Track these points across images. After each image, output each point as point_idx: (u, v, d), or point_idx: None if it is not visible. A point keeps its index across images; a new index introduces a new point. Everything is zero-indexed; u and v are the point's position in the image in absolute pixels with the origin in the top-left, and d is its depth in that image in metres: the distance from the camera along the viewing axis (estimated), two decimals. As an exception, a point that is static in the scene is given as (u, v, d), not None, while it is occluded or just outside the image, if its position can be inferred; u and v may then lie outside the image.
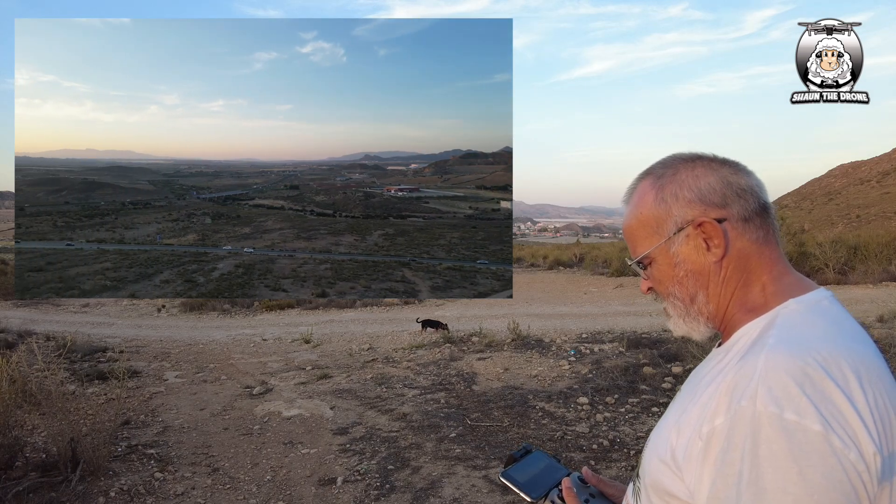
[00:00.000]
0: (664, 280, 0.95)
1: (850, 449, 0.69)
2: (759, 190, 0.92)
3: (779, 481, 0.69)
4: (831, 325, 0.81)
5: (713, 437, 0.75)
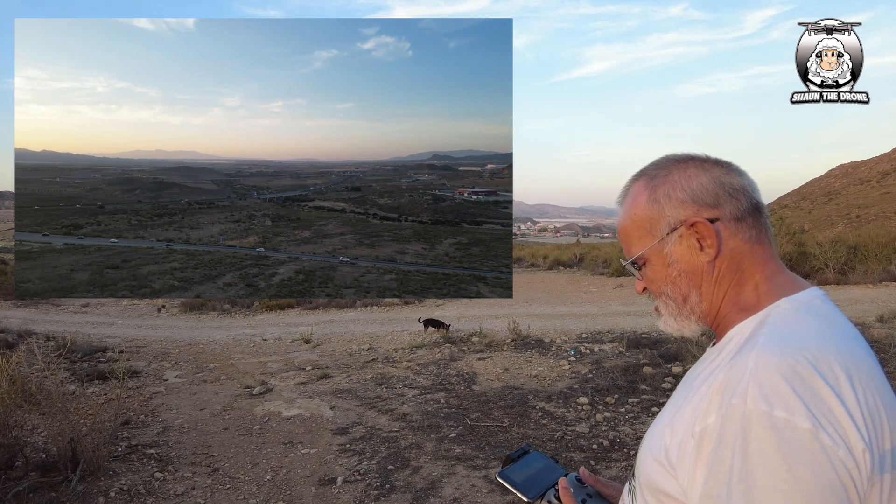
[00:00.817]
0: (658, 280, 0.96)
1: (840, 446, 0.69)
2: (752, 190, 0.93)
3: (768, 478, 0.69)
4: (823, 324, 0.82)
5: (705, 435, 0.76)
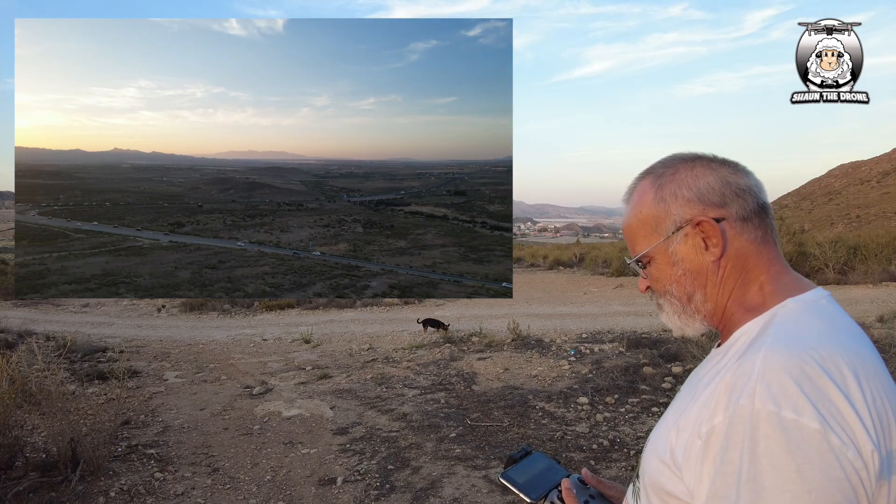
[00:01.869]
0: (662, 279, 0.95)
1: (848, 447, 0.69)
2: (758, 190, 0.92)
3: (777, 479, 0.69)
4: (829, 325, 0.81)
5: (712, 435, 0.75)
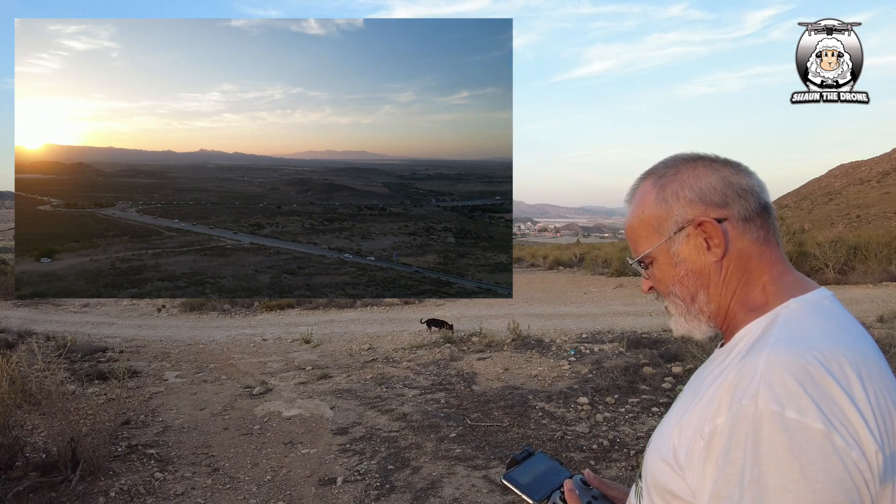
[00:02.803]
0: (665, 279, 0.95)
1: (852, 447, 0.69)
2: (760, 190, 0.92)
3: (780, 479, 0.68)
4: (832, 325, 0.81)
5: (715, 436, 0.75)
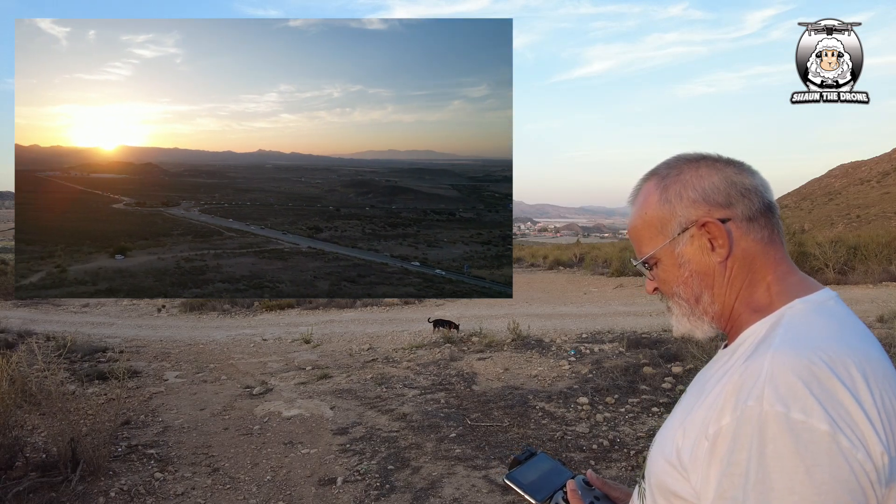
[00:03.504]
0: (669, 280, 0.95)
1: (858, 449, 0.69)
2: (764, 189, 0.92)
3: (785, 481, 0.68)
4: (837, 326, 0.81)
5: (719, 437, 0.75)
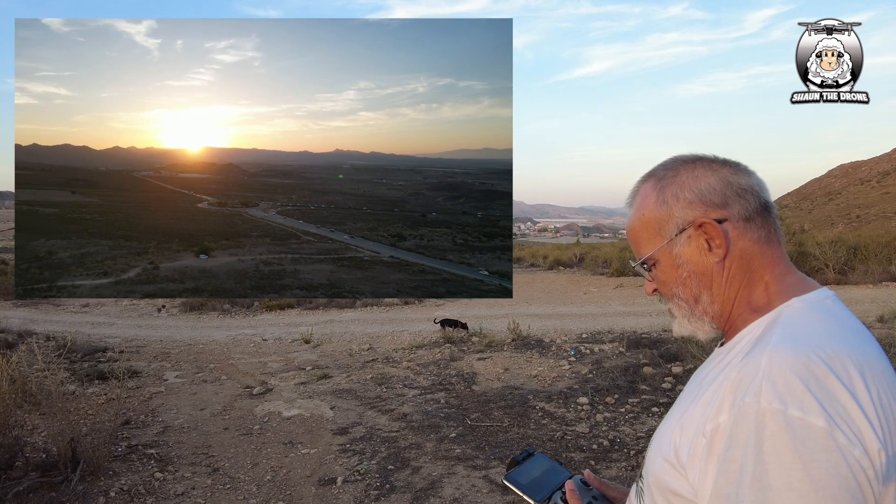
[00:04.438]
0: (668, 281, 0.96)
1: (855, 445, 0.69)
2: (760, 189, 0.93)
3: (783, 477, 0.69)
4: (835, 324, 0.81)
5: (717, 434, 0.75)
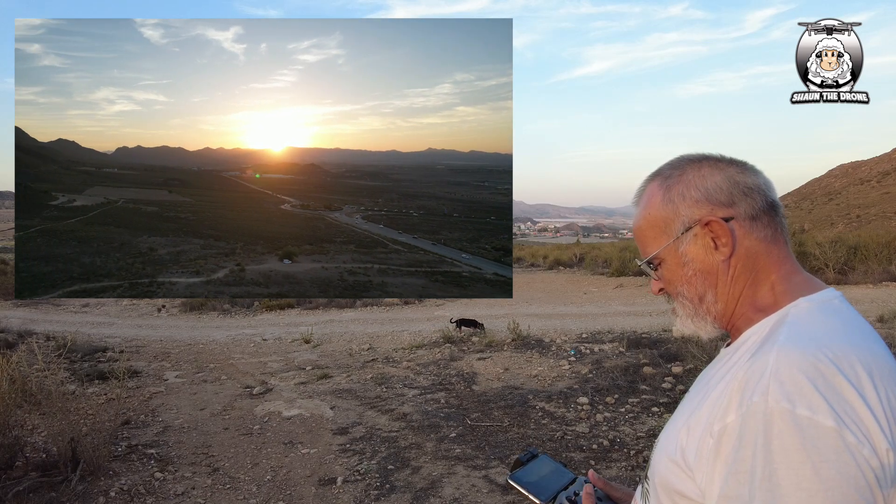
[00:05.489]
0: (674, 280, 0.95)
1: (864, 445, 0.69)
2: (767, 188, 0.92)
3: (792, 477, 0.68)
4: (843, 324, 0.81)
5: (724, 434, 0.75)
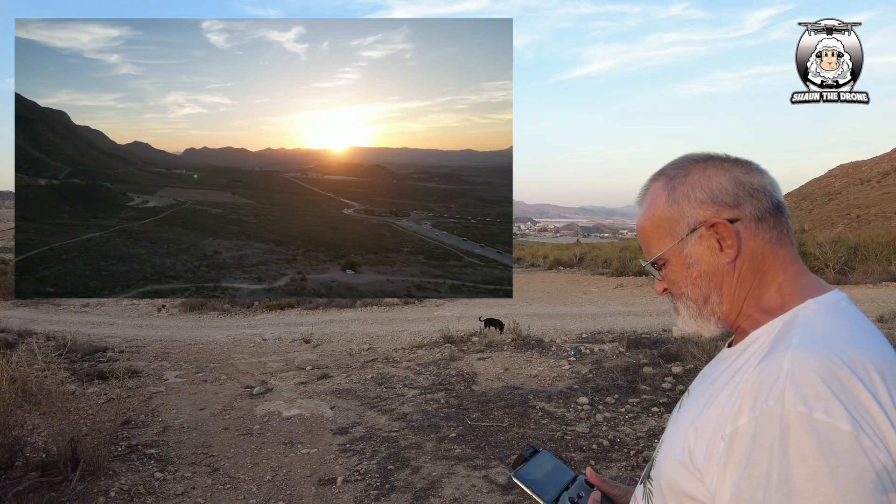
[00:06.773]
0: (678, 281, 0.95)
1: (880, 449, 0.68)
2: (773, 189, 0.92)
3: (809, 482, 0.68)
4: (852, 326, 0.81)
5: (736, 437, 0.74)
